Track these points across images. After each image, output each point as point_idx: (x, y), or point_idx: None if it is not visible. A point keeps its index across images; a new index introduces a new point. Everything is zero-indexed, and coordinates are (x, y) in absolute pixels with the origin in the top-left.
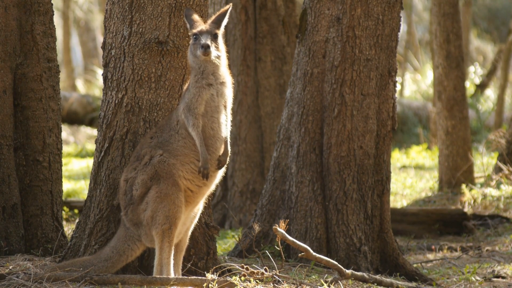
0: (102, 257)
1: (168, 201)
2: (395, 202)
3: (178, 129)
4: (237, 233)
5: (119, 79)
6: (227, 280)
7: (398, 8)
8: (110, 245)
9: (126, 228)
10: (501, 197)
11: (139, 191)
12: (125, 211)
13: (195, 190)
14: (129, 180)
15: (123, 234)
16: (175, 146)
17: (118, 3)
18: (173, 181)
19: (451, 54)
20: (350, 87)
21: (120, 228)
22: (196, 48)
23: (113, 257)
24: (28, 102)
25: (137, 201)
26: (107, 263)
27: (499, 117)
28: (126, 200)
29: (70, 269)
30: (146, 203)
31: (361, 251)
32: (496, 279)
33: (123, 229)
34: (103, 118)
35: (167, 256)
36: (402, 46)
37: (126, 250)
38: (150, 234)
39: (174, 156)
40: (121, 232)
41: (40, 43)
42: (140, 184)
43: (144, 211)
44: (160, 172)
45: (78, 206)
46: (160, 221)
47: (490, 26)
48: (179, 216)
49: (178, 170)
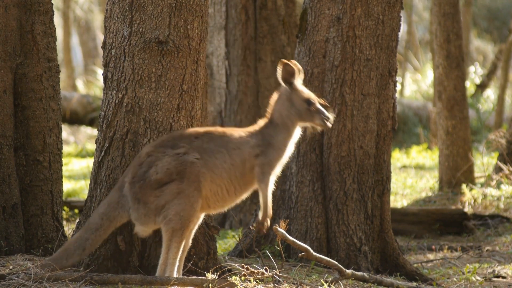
0: (92, 228)
1: (186, 201)
2: (396, 202)
3: (234, 157)
4: (237, 233)
5: (119, 79)
6: (227, 280)
7: (398, 8)
8: (98, 211)
9: (121, 196)
10: (501, 197)
11: (159, 176)
12: (131, 180)
13: (212, 206)
14: (152, 156)
15: (116, 200)
16: (216, 163)
17: (118, 3)
18: (198, 186)
19: (451, 54)
20: (350, 87)
21: (112, 193)
22: (314, 114)
23: (104, 224)
24: (28, 102)
25: (152, 183)
26: (99, 232)
27: (499, 117)
28: (139, 172)
29: (65, 257)
30: (162, 191)
31: (362, 251)
32: (496, 279)
33: (116, 195)
34: (103, 118)
35: (173, 256)
36: (402, 46)
37: (116, 217)
38: (150, 219)
39: (209, 169)
40: (114, 197)
41: (40, 43)
42: (163, 171)
43: (157, 197)
44: (188, 173)
45: (78, 206)
46: (172, 217)
47: (490, 26)
48: (193, 220)
49: (205, 181)
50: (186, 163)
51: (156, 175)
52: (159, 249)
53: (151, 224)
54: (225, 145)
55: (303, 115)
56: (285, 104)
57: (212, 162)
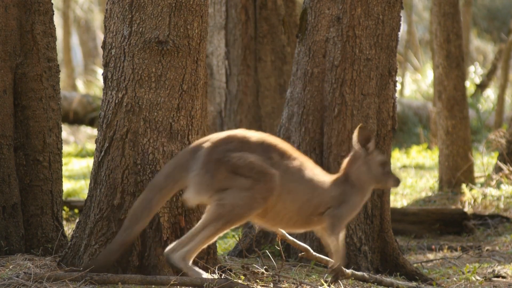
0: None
1: (248, 202)
2: (395, 201)
3: (315, 196)
4: (237, 232)
5: (119, 78)
6: (227, 280)
7: (398, 7)
8: (163, 172)
9: (192, 158)
10: (501, 196)
11: (240, 163)
12: (212, 148)
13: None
14: (245, 144)
15: (184, 162)
16: (297, 190)
17: (118, 3)
18: (266, 197)
19: (451, 53)
20: (350, 86)
21: (182, 155)
22: (388, 178)
23: (168, 185)
24: (28, 101)
25: (228, 164)
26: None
27: (499, 117)
28: (223, 147)
29: (134, 222)
30: (233, 178)
31: (361, 250)
32: (496, 278)
33: (186, 157)
34: (103, 117)
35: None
36: (402, 45)
37: (180, 179)
38: (208, 192)
39: (285, 190)
40: (183, 160)
41: (40, 42)
42: (246, 162)
43: (226, 179)
44: (266, 181)
45: (78, 205)
46: (227, 204)
47: (490, 26)
48: (240, 220)
49: (276, 198)
50: (270, 172)
51: (237, 161)
52: (159, 249)
53: (205, 196)
54: (310, 181)
55: (379, 179)
56: (363, 169)
57: (293, 187)
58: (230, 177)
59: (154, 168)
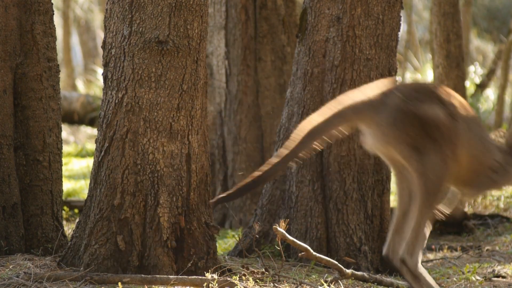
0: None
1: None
2: (395, 202)
3: (484, 151)
4: (237, 232)
5: (119, 78)
6: (227, 280)
7: (398, 7)
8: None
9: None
10: (501, 196)
11: (428, 114)
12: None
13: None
14: (430, 96)
15: (374, 102)
16: (472, 142)
17: (118, 3)
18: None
19: (451, 53)
20: (350, 86)
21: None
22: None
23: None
24: (28, 101)
25: (412, 115)
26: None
27: (499, 116)
28: (412, 95)
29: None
30: (424, 138)
31: (361, 250)
32: (496, 278)
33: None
34: (103, 117)
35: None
36: (402, 45)
37: (362, 114)
38: (397, 146)
39: (465, 141)
40: (374, 100)
41: (40, 42)
42: (437, 121)
43: (414, 136)
44: (450, 131)
45: (78, 205)
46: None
47: (490, 26)
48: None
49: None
50: (453, 121)
51: (425, 112)
52: (159, 249)
53: (390, 148)
54: (483, 136)
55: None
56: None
57: (471, 138)
58: (421, 135)
59: (154, 168)
